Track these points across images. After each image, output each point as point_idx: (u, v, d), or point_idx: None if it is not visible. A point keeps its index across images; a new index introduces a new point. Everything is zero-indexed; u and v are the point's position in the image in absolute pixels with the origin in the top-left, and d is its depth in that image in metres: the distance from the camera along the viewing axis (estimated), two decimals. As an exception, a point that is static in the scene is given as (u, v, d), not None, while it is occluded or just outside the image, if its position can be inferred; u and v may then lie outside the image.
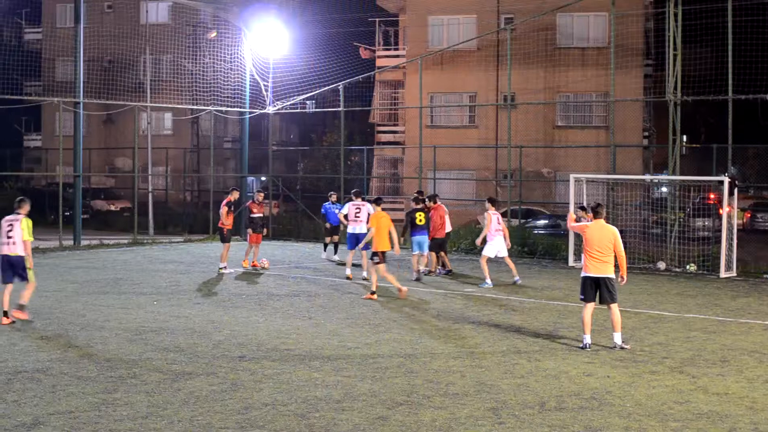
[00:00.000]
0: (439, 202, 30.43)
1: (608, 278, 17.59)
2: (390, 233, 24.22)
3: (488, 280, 26.87)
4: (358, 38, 59.93)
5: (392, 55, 58.65)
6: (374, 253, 24.16)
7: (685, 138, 43.64)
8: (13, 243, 19.91)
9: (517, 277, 27.79)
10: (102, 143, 65.46)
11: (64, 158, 39.94)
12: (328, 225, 34.34)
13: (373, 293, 23.99)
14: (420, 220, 28.19)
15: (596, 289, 17.67)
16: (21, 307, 20.01)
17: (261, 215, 31.89)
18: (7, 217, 20.15)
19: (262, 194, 32.87)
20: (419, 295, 25.10)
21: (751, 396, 13.98)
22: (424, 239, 28.41)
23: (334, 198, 34.38)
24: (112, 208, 55.82)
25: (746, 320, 21.50)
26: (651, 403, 13.47)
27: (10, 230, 19.93)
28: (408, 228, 28.66)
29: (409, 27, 55.38)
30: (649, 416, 12.72)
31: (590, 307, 17.68)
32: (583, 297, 17.84)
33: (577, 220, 25.38)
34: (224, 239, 30.13)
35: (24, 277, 20.03)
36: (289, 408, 12.86)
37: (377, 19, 59.42)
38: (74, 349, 16.76)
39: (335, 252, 34.55)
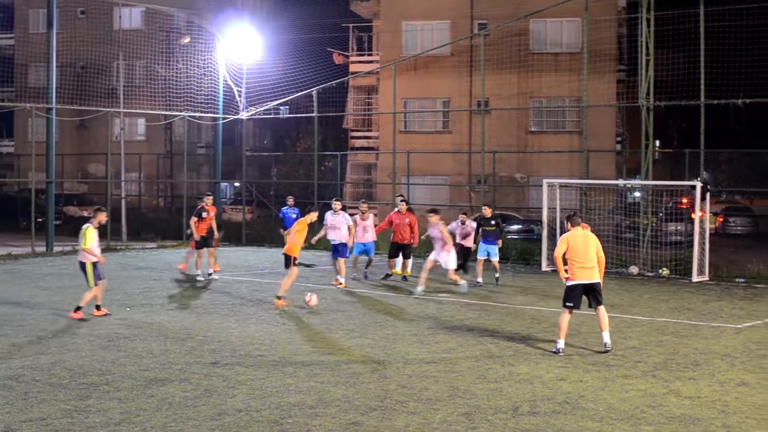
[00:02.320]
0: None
1: (597, 283, 17.85)
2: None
3: (464, 283, 26.76)
4: (331, 44, 59.99)
5: (366, 60, 58.75)
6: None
7: (657, 143, 43.85)
8: (82, 250, 21.48)
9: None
10: (75, 149, 65.22)
11: (37, 164, 39.83)
12: (281, 230, 35.20)
13: (279, 298, 23.61)
14: (490, 227, 28.73)
15: (583, 296, 17.83)
16: (78, 309, 21.37)
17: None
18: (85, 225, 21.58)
19: (211, 198, 32.66)
20: (392, 300, 25.11)
21: (723, 399, 14.04)
22: (493, 248, 28.80)
23: (291, 202, 35.26)
24: (85, 214, 55.25)
25: (718, 324, 21.60)
26: (624, 407, 13.50)
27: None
28: (479, 235, 29.08)
29: (383, 32, 55.42)
30: (622, 420, 12.76)
31: (568, 313, 17.78)
32: (570, 304, 17.84)
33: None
34: (197, 246, 29.88)
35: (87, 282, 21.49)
36: (262, 414, 12.84)
37: (351, 25, 59.50)
38: (46, 356, 16.68)
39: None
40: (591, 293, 17.87)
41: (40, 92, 44.16)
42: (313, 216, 24.62)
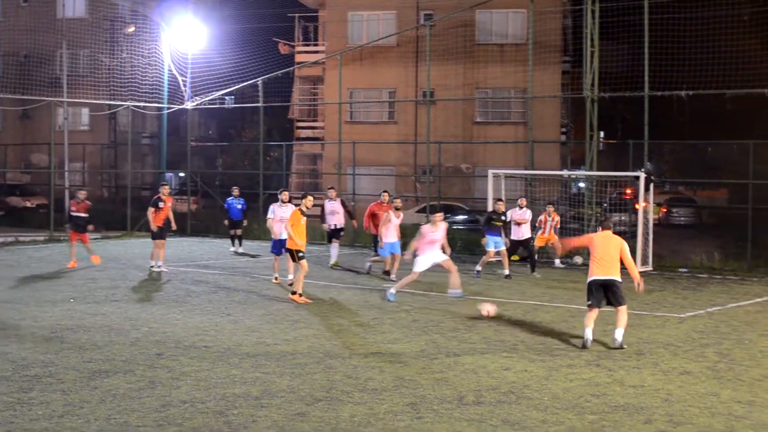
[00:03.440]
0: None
1: (614, 280, 17.87)
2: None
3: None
4: (277, 34, 59.78)
5: (312, 50, 58.62)
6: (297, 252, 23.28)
7: (602, 134, 44.09)
8: None
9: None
10: (18, 139, 64.61)
11: (-21, 154, 39.40)
12: (227, 221, 36.22)
13: (300, 294, 23.12)
14: (500, 222, 28.72)
15: (603, 292, 17.97)
16: None
17: (83, 215, 30.56)
18: None
19: (84, 193, 31.54)
20: (338, 291, 25.09)
21: (666, 388, 14.16)
22: (500, 240, 28.72)
23: (236, 192, 35.59)
24: (28, 204, 55.06)
25: (662, 314, 21.78)
26: (568, 396, 13.58)
27: None
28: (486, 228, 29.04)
29: (329, 22, 55.35)
30: (566, 409, 12.83)
31: (595, 312, 17.91)
32: (590, 303, 17.99)
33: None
34: (154, 236, 29.51)
35: None
36: (207, 405, 12.78)
37: (297, 15, 59.31)
38: (-12, 348, 16.53)
39: (240, 245, 35.92)
40: (609, 292, 17.90)
41: (-18, 82, 43.72)
42: (307, 202, 23.61)
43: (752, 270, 30.92)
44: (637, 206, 32.28)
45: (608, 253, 17.96)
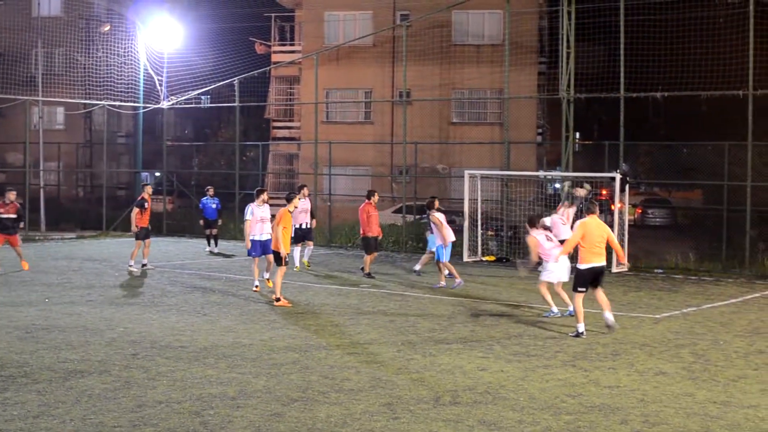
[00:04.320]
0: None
1: (604, 266, 19.07)
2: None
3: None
4: (253, 33, 59.67)
5: (288, 50, 58.53)
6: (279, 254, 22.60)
7: (578, 135, 44.20)
8: None
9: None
10: (-9, 138, 64.29)
11: (-47, 153, 39.22)
12: (202, 221, 36.28)
13: (278, 299, 22.53)
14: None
15: (593, 279, 18.90)
16: None
17: (12, 216, 29.30)
18: None
19: (14, 193, 30.13)
20: (314, 291, 25.07)
21: (641, 389, 14.20)
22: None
23: (211, 192, 35.64)
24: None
25: (637, 314, 21.85)
26: (544, 396, 13.60)
27: None
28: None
29: (305, 22, 55.27)
30: (542, 410, 12.85)
31: (582, 296, 18.84)
32: (583, 289, 18.83)
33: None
34: (138, 237, 29.31)
35: None
36: (183, 405, 12.75)
37: (273, 15, 59.21)
38: (-37, 348, 16.45)
39: (215, 244, 35.90)
40: (600, 276, 18.98)
41: (-44, 80, 43.50)
42: (296, 202, 23.11)
43: (727, 271, 31.05)
44: (612, 207, 32.37)
45: (600, 240, 18.74)
